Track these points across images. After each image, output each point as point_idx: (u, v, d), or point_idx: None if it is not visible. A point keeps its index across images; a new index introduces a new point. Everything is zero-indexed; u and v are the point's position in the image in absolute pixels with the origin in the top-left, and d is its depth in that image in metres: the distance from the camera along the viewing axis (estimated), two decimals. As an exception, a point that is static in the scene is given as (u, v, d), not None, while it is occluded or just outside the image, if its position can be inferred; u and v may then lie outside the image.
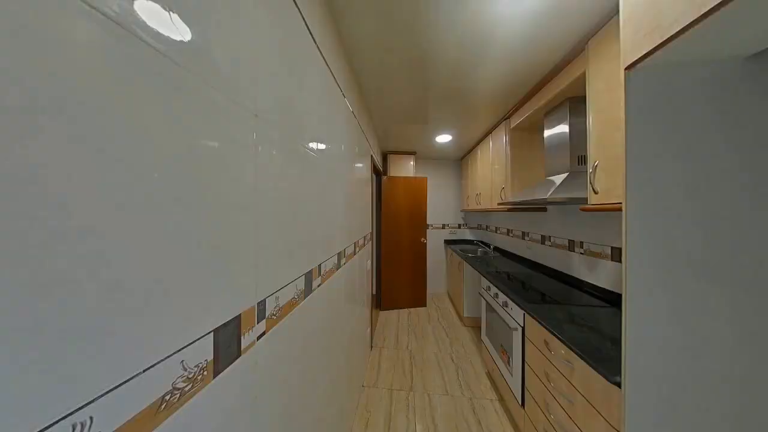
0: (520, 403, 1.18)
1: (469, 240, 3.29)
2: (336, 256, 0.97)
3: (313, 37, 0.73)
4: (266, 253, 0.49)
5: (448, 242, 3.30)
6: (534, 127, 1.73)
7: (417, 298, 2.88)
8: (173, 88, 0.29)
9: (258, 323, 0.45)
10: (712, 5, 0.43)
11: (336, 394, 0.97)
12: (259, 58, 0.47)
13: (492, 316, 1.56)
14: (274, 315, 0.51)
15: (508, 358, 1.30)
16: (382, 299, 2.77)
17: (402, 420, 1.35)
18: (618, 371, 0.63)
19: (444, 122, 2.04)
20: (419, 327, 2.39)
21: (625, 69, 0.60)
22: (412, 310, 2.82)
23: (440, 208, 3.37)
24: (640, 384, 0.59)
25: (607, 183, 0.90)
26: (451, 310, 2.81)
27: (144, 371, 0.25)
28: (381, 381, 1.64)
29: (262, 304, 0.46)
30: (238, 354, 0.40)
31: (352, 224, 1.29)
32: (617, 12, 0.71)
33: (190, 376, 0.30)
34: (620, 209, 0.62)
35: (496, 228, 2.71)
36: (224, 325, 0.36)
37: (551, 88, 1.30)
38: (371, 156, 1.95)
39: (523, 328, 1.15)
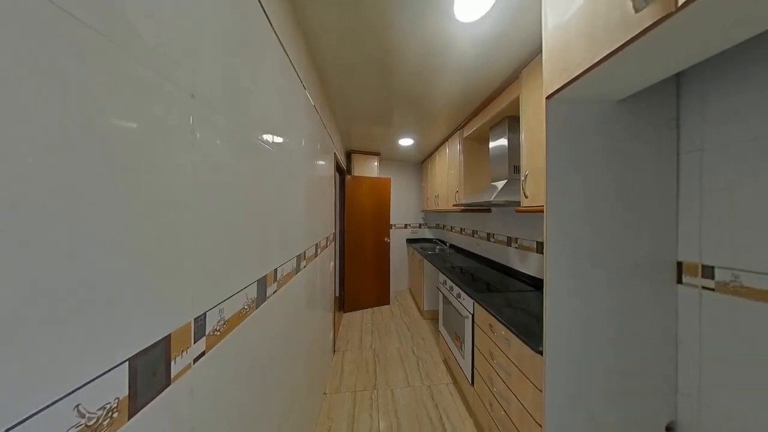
0: (470, 382, 1.33)
1: (429, 238, 3.53)
2: (295, 259, 0.91)
3: (269, 20, 0.67)
4: (209, 258, 0.42)
5: (410, 241, 3.47)
6: (482, 138, 1.97)
7: (381, 296, 2.93)
8: (77, 52, 0.23)
9: (195, 342, 0.39)
10: (601, 57, 0.57)
11: (294, 408, 0.90)
12: (198, 27, 0.40)
13: (448, 308, 1.71)
14: (217, 331, 0.45)
15: (461, 343, 1.45)
16: (346, 301, 2.72)
17: (365, 419, 1.35)
18: (541, 342, 0.77)
19: (406, 126, 2.13)
20: (383, 325, 2.44)
21: (546, 98, 0.75)
22: (376, 309, 2.86)
23: (403, 209, 3.51)
24: (555, 349, 0.74)
25: (534, 189, 1.09)
26: (412, 305, 2.96)
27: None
28: (344, 385, 1.61)
29: (201, 320, 0.40)
30: (167, 383, 0.33)
31: (314, 224, 1.23)
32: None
33: (91, 423, 0.24)
34: (543, 211, 0.77)
35: (451, 227, 2.98)
36: (145, 350, 0.30)
37: (495, 106, 1.51)
38: (334, 154, 1.89)
39: (473, 315, 1.30)
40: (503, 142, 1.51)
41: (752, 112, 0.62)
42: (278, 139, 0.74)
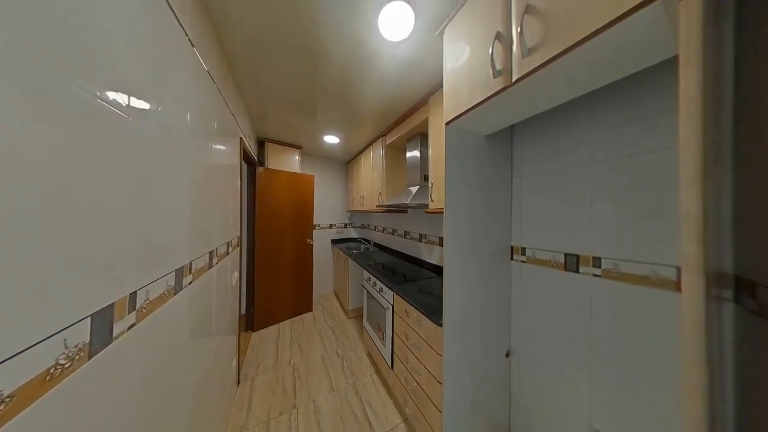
0: (390, 366, 1.48)
1: (354, 238, 3.60)
2: (173, 274, 0.67)
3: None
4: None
5: (335, 241, 3.39)
6: (401, 148, 2.23)
7: (302, 304, 2.69)
8: None
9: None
10: (474, 103, 0.79)
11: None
12: None
13: (371, 303, 1.81)
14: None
15: (383, 333, 1.58)
16: (257, 317, 2.30)
17: (283, 445, 1.20)
18: (441, 317, 0.97)
19: (332, 124, 2.07)
20: (304, 335, 2.25)
21: (445, 124, 0.95)
22: (297, 318, 2.59)
23: (328, 208, 3.39)
24: (449, 320, 0.96)
25: (437, 195, 1.36)
26: (337, 307, 2.91)
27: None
28: (253, 418, 1.36)
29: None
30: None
31: (207, 226, 0.96)
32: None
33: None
34: (442, 213, 0.97)
35: (375, 226, 3.17)
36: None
37: (410, 122, 1.75)
38: (241, 139, 1.55)
39: (393, 306, 1.45)
40: (416, 153, 1.78)
41: (542, 155, 1.05)
42: (140, 103, 0.52)
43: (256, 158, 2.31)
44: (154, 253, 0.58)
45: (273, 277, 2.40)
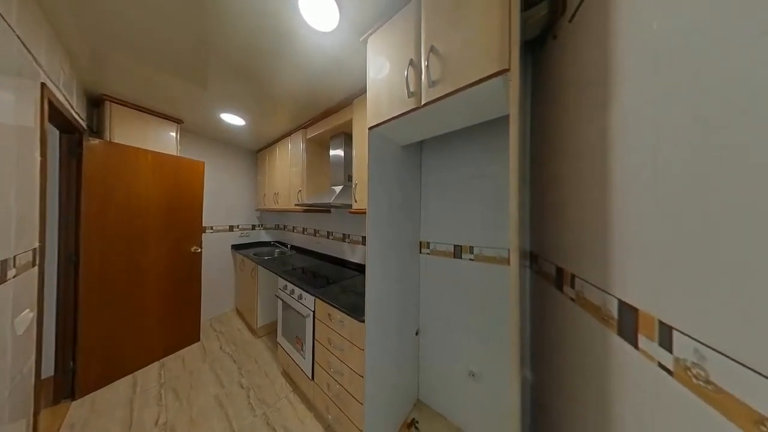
0: (311, 377, 1.39)
1: (266, 241, 3.09)
2: None
3: None
4: None
5: (237, 247, 2.76)
6: (325, 144, 2.15)
7: (182, 335, 2.01)
8: None
9: None
10: (392, 116, 0.89)
11: None
12: None
13: (288, 313, 1.63)
14: None
15: (302, 344, 1.46)
16: (83, 375, 1.50)
17: None
18: (364, 313, 1.03)
19: (235, 100, 1.69)
20: (184, 376, 1.70)
21: (369, 128, 1.01)
22: (170, 358, 1.90)
23: (228, 206, 2.73)
24: (371, 315, 1.03)
25: (361, 196, 1.42)
26: (241, 327, 2.40)
27: None
28: None
29: None
30: None
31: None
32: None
33: None
34: (365, 213, 1.03)
35: (293, 227, 2.87)
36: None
37: (335, 119, 1.72)
38: (44, 86, 0.97)
39: (314, 312, 1.37)
40: (341, 153, 1.78)
41: (441, 169, 1.33)
42: None
43: (83, 123, 1.51)
44: None
45: (120, 305, 1.66)
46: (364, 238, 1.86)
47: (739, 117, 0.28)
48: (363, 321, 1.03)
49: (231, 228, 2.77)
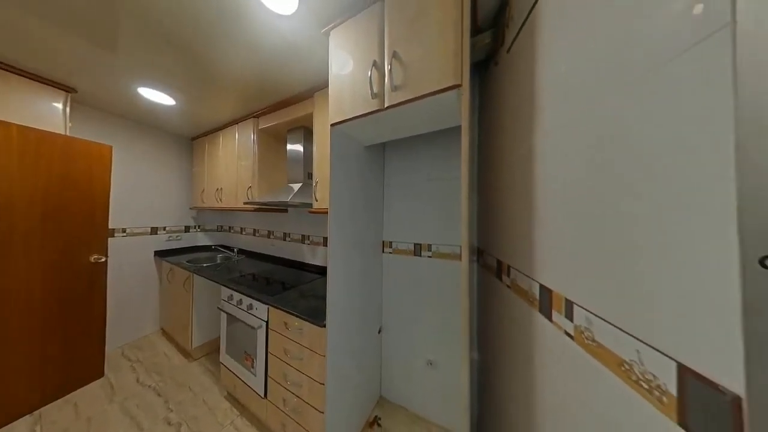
0: (263, 395, 1.25)
1: (206, 246, 2.65)
2: None
3: None
4: None
5: (163, 254, 2.27)
6: (280, 137, 1.97)
7: (74, 373, 1.55)
8: None
9: None
10: (355, 115, 0.89)
11: None
12: None
13: (234, 327, 1.44)
14: None
15: (252, 360, 1.31)
16: None
17: None
18: (325, 317, 0.99)
19: (161, 74, 1.40)
20: (78, 425, 1.32)
21: (331, 125, 0.98)
22: (54, 405, 1.44)
23: (150, 203, 2.23)
24: (332, 318, 1.00)
25: (322, 194, 1.36)
26: (168, 351, 1.99)
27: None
28: None
29: None
30: None
31: None
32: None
33: None
34: (327, 212, 0.99)
35: (241, 229, 2.54)
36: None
37: (293, 111, 1.61)
38: None
39: (267, 322, 1.25)
40: (299, 148, 1.67)
41: (402, 171, 1.39)
42: None
43: None
44: None
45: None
46: (325, 239, 1.79)
47: (608, 142, 0.39)
48: (324, 326, 0.99)
49: (154, 230, 2.26)
